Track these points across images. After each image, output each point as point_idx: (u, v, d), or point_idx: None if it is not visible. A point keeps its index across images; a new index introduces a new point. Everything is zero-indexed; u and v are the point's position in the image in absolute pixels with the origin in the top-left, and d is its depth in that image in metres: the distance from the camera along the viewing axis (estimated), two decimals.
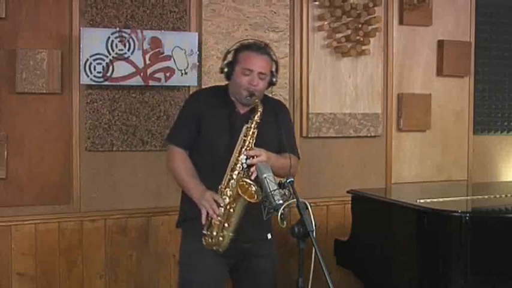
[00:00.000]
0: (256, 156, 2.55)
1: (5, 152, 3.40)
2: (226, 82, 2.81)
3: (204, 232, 2.61)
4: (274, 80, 2.78)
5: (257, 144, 2.61)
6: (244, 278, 2.80)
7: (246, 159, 2.57)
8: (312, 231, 2.18)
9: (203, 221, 2.59)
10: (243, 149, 2.58)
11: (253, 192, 2.47)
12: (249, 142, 2.59)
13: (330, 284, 2.08)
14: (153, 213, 3.70)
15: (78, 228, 3.56)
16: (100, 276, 3.60)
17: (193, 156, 2.77)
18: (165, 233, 3.72)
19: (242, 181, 2.51)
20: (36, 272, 3.47)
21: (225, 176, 2.60)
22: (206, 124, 2.73)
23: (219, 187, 2.60)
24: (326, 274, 2.09)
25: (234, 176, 2.58)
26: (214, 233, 2.58)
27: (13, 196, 3.45)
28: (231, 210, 2.57)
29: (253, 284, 2.80)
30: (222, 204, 2.57)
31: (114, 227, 3.63)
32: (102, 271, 3.61)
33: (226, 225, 2.58)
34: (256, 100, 2.65)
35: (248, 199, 2.49)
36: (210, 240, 2.60)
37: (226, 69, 2.75)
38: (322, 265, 2.09)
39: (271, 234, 2.82)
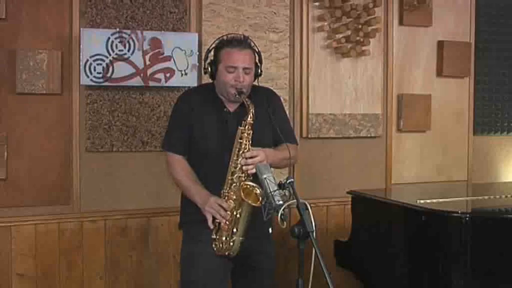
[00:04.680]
0: (254, 157, 2.54)
1: (5, 153, 3.40)
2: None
3: (213, 237, 2.61)
4: (259, 71, 2.74)
5: (253, 140, 2.60)
6: (244, 277, 2.79)
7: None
8: (312, 231, 2.18)
9: (210, 226, 2.59)
10: (240, 152, 2.57)
11: (257, 194, 2.45)
12: (245, 144, 2.58)
13: (330, 285, 2.08)
14: (153, 214, 3.70)
15: (78, 228, 3.56)
16: (100, 277, 3.60)
17: (189, 159, 2.76)
18: (165, 234, 3.72)
19: (245, 185, 2.50)
20: (36, 272, 3.47)
21: (226, 180, 2.59)
22: (197, 126, 2.71)
23: (222, 192, 2.60)
24: (326, 274, 2.09)
25: (236, 180, 2.57)
26: (224, 238, 2.58)
27: (13, 196, 3.45)
28: (238, 215, 2.57)
29: (253, 283, 2.79)
30: (227, 208, 2.56)
31: (114, 228, 3.63)
32: (102, 272, 3.61)
33: (234, 230, 2.58)
34: (247, 100, 2.61)
35: (253, 203, 2.47)
36: (220, 245, 2.60)
37: (209, 69, 2.72)
38: (322, 266, 2.09)
39: (272, 228, 2.80)
